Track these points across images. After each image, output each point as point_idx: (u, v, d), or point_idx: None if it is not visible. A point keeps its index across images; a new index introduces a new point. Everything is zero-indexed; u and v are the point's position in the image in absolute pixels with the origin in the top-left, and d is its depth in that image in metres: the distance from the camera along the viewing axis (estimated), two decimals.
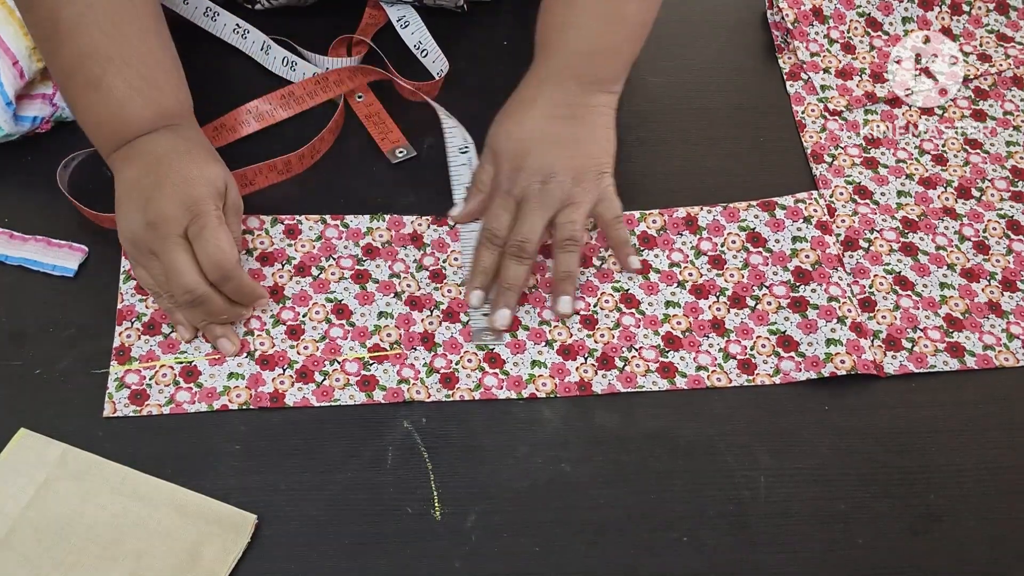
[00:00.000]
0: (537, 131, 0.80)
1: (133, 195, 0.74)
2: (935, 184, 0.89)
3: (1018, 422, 0.77)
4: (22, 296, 0.78)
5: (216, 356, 0.76)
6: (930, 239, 0.85)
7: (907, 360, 0.78)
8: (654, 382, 0.77)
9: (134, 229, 0.74)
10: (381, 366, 0.76)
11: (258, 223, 0.82)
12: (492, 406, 0.75)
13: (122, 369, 0.75)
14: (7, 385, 0.74)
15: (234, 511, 0.69)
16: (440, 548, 0.69)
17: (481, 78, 0.94)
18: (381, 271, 0.81)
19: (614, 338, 0.78)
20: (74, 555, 0.66)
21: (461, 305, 0.79)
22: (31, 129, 0.85)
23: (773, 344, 0.79)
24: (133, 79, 0.75)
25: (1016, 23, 1.00)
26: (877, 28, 0.98)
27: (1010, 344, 0.80)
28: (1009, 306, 0.82)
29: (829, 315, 0.79)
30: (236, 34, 0.93)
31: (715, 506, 0.71)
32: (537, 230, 0.78)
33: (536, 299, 0.80)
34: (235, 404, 0.74)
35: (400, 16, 0.95)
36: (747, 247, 0.83)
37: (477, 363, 0.77)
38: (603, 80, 0.82)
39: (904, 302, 0.81)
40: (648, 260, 0.82)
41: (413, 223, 0.83)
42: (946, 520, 0.72)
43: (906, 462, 0.74)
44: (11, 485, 0.68)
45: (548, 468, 0.73)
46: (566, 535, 0.70)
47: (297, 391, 0.75)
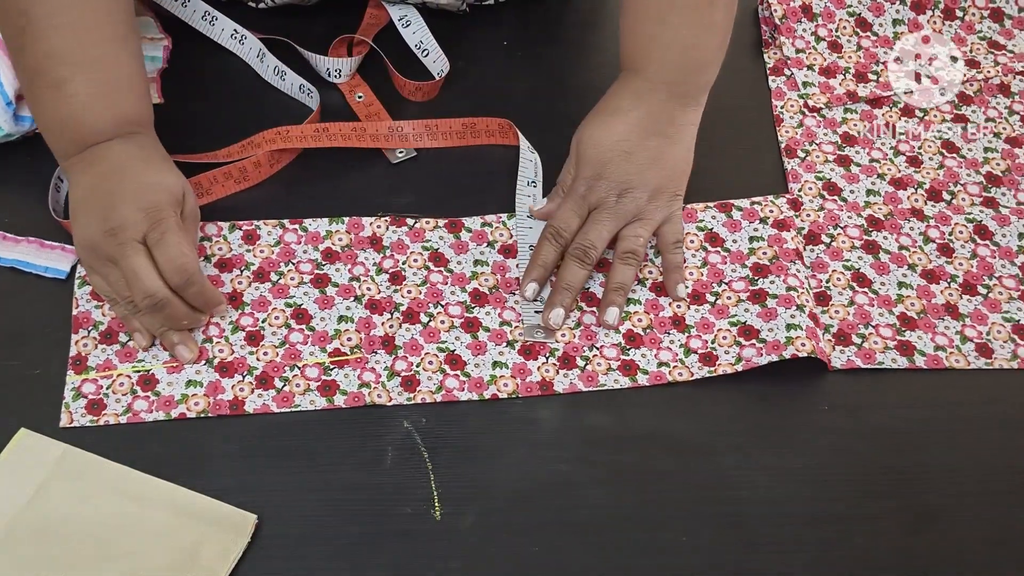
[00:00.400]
0: (624, 143, 0.81)
1: (91, 202, 0.74)
2: (906, 185, 0.89)
3: (1015, 423, 0.77)
4: (20, 297, 0.78)
5: (174, 364, 0.75)
6: (894, 238, 0.85)
7: (855, 356, 0.78)
8: (616, 380, 0.77)
9: (91, 236, 0.73)
10: (342, 371, 0.76)
11: (216, 229, 0.82)
12: (491, 407, 0.75)
13: (79, 379, 0.74)
14: (7, 385, 0.74)
15: (234, 511, 0.69)
16: (440, 548, 0.69)
17: (481, 78, 0.94)
18: (341, 275, 0.81)
19: (575, 337, 0.79)
20: (73, 555, 0.66)
21: (421, 306, 0.79)
22: (31, 129, 0.85)
23: (734, 335, 0.79)
24: (97, 84, 0.75)
25: (1010, 31, 0.99)
26: (867, 28, 0.98)
27: (963, 347, 0.80)
28: (967, 309, 0.82)
29: (788, 303, 0.80)
30: (234, 39, 0.93)
31: (713, 506, 0.72)
32: (604, 239, 0.80)
33: (496, 299, 0.80)
34: (193, 412, 0.73)
35: (402, 15, 0.95)
36: (705, 247, 0.84)
37: (438, 365, 0.76)
38: (696, 92, 0.83)
39: (859, 299, 0.81)
40: (607, 259, 0.82)
41: (372, 225, 0.83)
42: (943, 520, 0.72)
43: (904, 462, 0.74)
44: (11, 485, 0.68)
45: (547, 468, 0.73)
46: (565, 535, 0.70)
47: (257, 398, 0.74)
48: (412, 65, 0.94)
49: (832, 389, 0.78)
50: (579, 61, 0.98)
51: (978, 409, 0.77)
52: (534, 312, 0.79)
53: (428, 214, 0.84)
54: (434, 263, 0.81)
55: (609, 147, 0.81)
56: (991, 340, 0.80)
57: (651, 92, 0.81)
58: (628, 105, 0.82)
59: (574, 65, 0.98)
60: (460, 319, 0.79)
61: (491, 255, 0.82)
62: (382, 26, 0.96)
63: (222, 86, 0.92)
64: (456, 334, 0.78)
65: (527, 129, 0.90)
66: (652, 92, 0.81)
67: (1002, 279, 0.84)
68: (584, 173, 0.81)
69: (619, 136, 0.81)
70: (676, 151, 0.82)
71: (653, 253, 0.83)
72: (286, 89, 0.92)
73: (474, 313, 0.79)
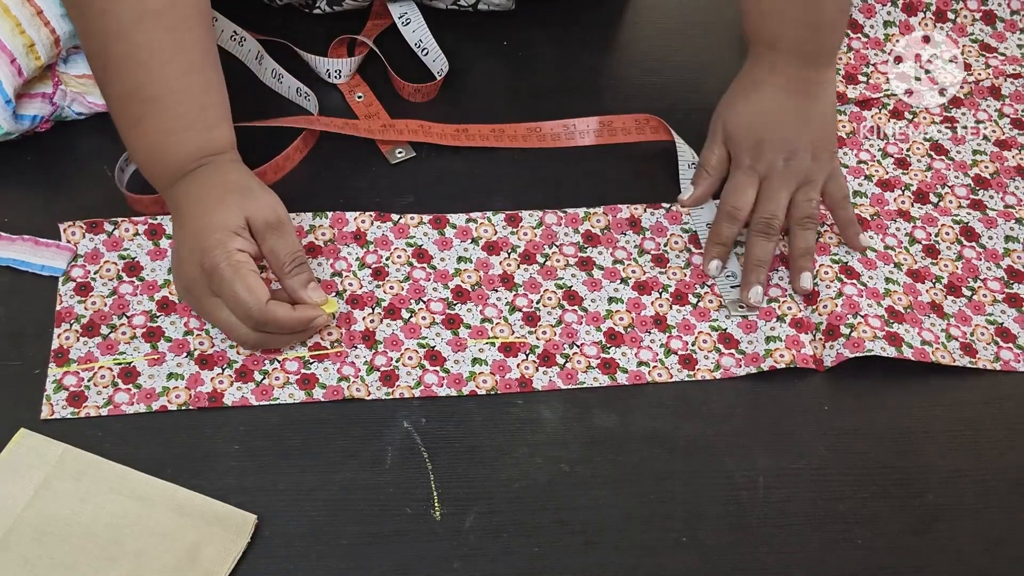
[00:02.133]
0: (774, 107, 0.84)
1: (173, 254, 0.75)
2: (893, 187, 0.88)
3: (1016, 423, 0.77)
4: (19, 297, 0.78)
5: (155, 356, 0.75)
6: (879, 238, 0.85)
7: (843, 346, 0.78)
8: (595, 378, 0.77)
9: (180, 292, 0.76)
10: (321, 364, 0.76)
11: None
12: (491, 406, 0.75)
13: (60, 371, 0.74)
14: (7, 385, 0.74)
15: (234, 511, 0.69)
16: (440, 548, 0.69)
17: (481, 78, 0.94)
18: (323, 269, 0.80)
19: (556, 335, 0.79)
20: (73, 555, 0.66)
21: (403, 302, 0.79)
22: (31, 128, 0.85)
23: (714, 340, 0.79)
24: (168, 120, 0.75)
25: (1002, 34, 0.99)
26: (857, 30, 0.98)
27: (948, 344, 0.80)
28: (951, 310, 0.82)
29: (769, 315, 0.80)
30: (233, 41, 0.93)
31: (714, 506, 0.72)
32: (783, 206, 0.82)
33: (479, 296, 0.80)
34: (174, 405, 0.73)
35: (402, 13, 0.94)
36: (689, 248, 0.84)
37: (417, 360, 0.76)
38: (828, 53, 0.85)
39: (848, 289, 0.81)
40: (592, 257, 0.82)
41: (356, 220, 0.83)
42: (945, 520, 0.72)
43: (905, 462, 0.74)
44: (11, 485, 0.68)
45: (547, 468, 0.73)
46: (565, 535, 0.70)
47: (236, 391, 0.74)
48: (413, 64, 0.94)
49: (833, 389, 0.78)
50: (580, 60, 0.98)
51: (979, 409, 0.77)
52: (731, 288, 0.81)
53: (429, 214, 0.84)
54: (418, 259, 0.81)
55: (760, 113, 0.84)
56: (975, 341, 0.80)
57: (785, 62, 0.84)
58: (764, 75, 0.84)
59: (575, 64, 0.98)
60: (441, 315, 0.79)
61: (475, 252, 0.82)
62: (385, 27, 0.96)
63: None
64: (437, 330, 0.78)
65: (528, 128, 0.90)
66: (786, 62, 0.84)
67: (987, 281, 0.84)
68: (744, 145, 0.84)
69: (767, 104, 0.84)
70: (822, 108, 0.85)
71: (637, 252, 0.83)
72: (283, 92, 0.92)
73: (455, 310, 0.79)
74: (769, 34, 0.84)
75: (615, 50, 1.02)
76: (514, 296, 0.80)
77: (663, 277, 0.82)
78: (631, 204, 0.86)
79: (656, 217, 0.85)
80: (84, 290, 0.78)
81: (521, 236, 0.83)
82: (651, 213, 0.86)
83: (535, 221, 0.84)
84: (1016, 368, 0.79)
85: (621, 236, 0.84)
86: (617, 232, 0.85)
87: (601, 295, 0.81)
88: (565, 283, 0.81)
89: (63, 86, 0.85)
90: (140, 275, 0.79)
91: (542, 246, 0.83)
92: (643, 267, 0.83)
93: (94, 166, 0.85)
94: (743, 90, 0.86)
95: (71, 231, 0.80)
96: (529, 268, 0.82)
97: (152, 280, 0.79)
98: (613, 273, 0.82)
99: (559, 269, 0.82)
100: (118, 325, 0.76)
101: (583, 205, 0.86)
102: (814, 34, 0.83)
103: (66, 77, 0.85)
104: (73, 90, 0.85)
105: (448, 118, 0.90)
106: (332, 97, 0.92)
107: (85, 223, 0.80)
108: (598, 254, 0.83)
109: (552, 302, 0.80)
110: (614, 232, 0.85)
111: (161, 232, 0.81)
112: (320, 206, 0.84)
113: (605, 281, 0.82)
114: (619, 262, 0.83)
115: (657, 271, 0.83)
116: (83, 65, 0.85)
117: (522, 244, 0.83)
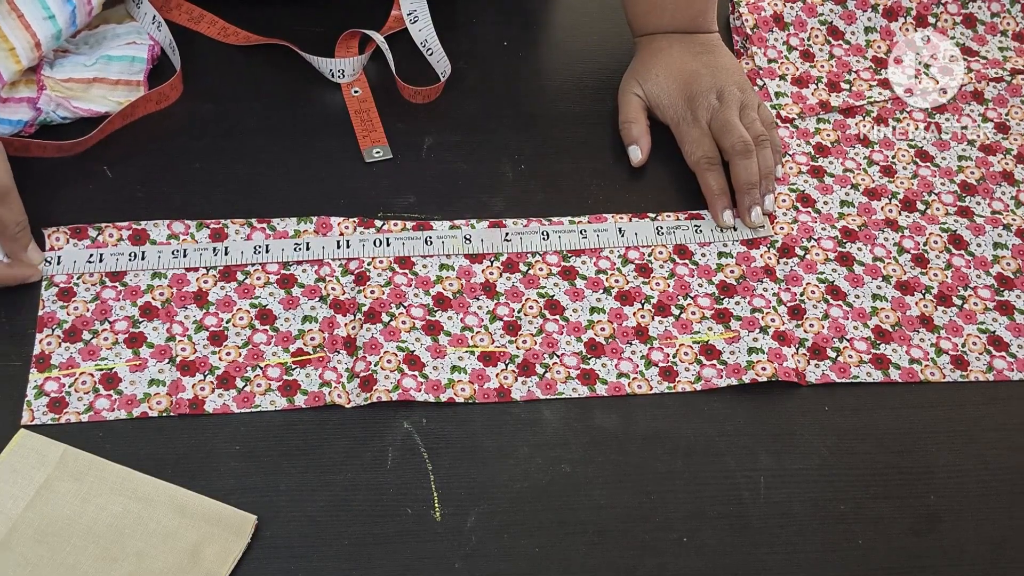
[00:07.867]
0: (687, 64, 0.89)
1: None
2: (880, 195, 0.88)
3: (1017, 423, 0.77)
4: (18, 297, 0.78)
5: (137, 362, 0.75)
6: (868, 249, 0.84)
7: (830, 369, 0.78)
8: (574, 389, 0.76)
9: None
10: (303, 370, 0.76)
11: (183, 227, 0.82)
12: (492, 407, 0.75)
13: (41, 376, 0.74)
14: (7, 385, 0.74)
15: (234, 511, 0.69)
16: (440, 549, 0.69)
17: (481, 78, 0.94)
18: (307, 275, 0.80)
19: (536, 344, 0.78)
20: (74, 556, 0.66)
21: (383, 305, 0.79)
22: (14, 133, 0.84)
23: (696, 352, 0.79)
24: None
25: (983, 37, 0.98)
26: (838, 37, 0.97)
27: (938, 359, 0.79)
28: (942, 321, 0.81)
29: (752, 325, 0.80)
30: (153, 24, 0.91)
31: (715, 507, 0.72)
32: (743, 126, 0.86)
33: (460, 304, 0.80)
34: (155, 411, 0.73)
35: (411, 10, 0.94)
36: (674, 258, 0.84)
37: (396, 364, 0.76)
38: (710, 22, 0.92)
39: (834, 311, 0.81)
40: (575, 267, 0.82)
41: (340, 225, 0.83)
42: (946, 521, 0.72)
43: (906, 463, 0.74)
44: (11, 485, 0.68)
45: (548, 469, 0.73)
46: (566, 536, 0.70)
47: (217, 397, 0.74)
48: (415, 65, 0.93)
49: (833, 390, 0.78)
50: (579, 60, 0.98)
51: (980, 410, 0.77)
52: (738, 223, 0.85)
53: (430, 214, 0.84)
54: (399, 265, 0.81)
55: (680, 73, 0.89)
56: (967, 352, 0.80)
57: (669, 44, 0.91)
58: (664, 44, 0.91)
59: (575, 65, 0.98)
60: (422, 321, 0.79)
61: (457, 260, 0.82)
62: (399, 29, 0.95)
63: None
64: (416, 335, 0.78)
65: (529, 128, 0.90)
66: (670, 44, 0.91)
67: (977, 289, 0.83)
68: (676, 103, 0.88)
69: (678, 63, 0.89)
70: (726, 61, 0.91)
71: (621, 262, 0.83)
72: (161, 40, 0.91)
73: (436, 316, 0.79)
74: (650, 28, 0.92)
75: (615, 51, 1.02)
76: (495, 305, 0.80)
77: (646, 288, 0.82)
78: (616, 214, 0.85)
79: (641, 227, 0.85)
80: (67, 295, 0.78)
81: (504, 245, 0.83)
82: (635, 223, 0.85)
83: (519, 228, 0.84)
84: (1010, 377, 0.79)
85: (604, 246, 0.84)
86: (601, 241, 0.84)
87: (583, 305, 0.81)
88: (547, 292, 0.81)
89: (47, 91, 0.84)
90: (123, 280, 0.79)
91: (525, 255, 0.83)
92: (626, 276, 0.82)
93: (78, 170, 0.84)
94: (649, 61, 0.91)
95: (55, 236, 0.80)
96: (512, 277, 0.82)
97: (135, 285, 0.79)
98: (596, 283, 0.82)
99: (542, 278, 0.82)
100: (100, 330, 0.76)
101: (583, 207, 0.86)
102: (689, 20, 0.91)
103: (51, 82, 0.84)
104: (58, 95, 0.85)
105: (449, 119, 0.91)
106: (334, 96, 0.92)
107: (69, 228, 0.80)
108: (581, 263, 0.83)
109: (533, 311, 0.80)
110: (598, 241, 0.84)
111: (145, 237, 0.81)
112: (319, 205, 0.84)
113: (587, 291, 0.81)
114: (602, 272, 0.82)
115: (640, 281, 0.82)
116: (68, 69, 0.85)
117: (505, 252, 0.83)
